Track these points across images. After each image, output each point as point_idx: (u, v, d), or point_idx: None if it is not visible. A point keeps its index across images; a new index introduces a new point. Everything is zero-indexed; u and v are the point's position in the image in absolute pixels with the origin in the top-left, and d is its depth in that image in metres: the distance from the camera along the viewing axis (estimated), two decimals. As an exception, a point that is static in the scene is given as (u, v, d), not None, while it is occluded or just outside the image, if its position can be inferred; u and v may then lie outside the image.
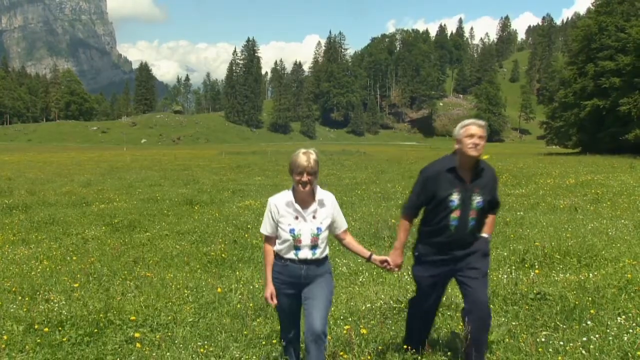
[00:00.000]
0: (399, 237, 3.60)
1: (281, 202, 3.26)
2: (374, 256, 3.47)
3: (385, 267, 3.50)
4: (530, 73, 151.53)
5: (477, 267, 3.42)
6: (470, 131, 3.27)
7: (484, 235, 3.50)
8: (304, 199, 3.23)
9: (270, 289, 3.32)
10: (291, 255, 3.24)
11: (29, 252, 7.54)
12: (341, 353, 3.76)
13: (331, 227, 3.35)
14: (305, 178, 3.12)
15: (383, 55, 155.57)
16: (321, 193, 3.28)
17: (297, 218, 3.22)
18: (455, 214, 3.35)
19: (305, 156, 3.13)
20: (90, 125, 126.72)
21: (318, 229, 3.22)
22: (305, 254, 3.22)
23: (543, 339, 3.89)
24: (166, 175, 23.26)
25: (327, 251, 3.34)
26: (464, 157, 3.32)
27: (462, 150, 3.31)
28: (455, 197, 3.33)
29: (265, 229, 3.34)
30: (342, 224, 3.39)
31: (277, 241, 3.30)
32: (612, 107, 39.83)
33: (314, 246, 3.23)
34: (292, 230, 3.20)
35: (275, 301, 3.31)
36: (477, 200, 3.35)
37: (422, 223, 3.58)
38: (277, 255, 3.32)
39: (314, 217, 3.23)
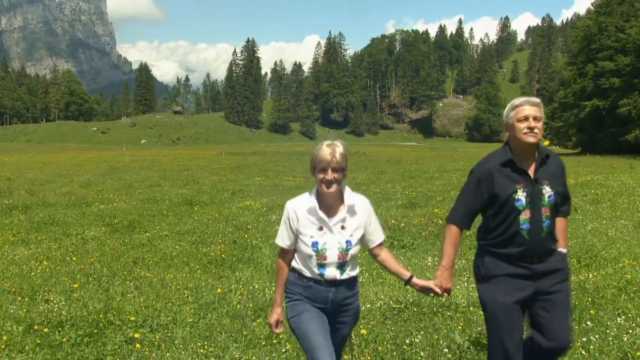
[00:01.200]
0: (445, 252, 2.82)
1: (302, 207, 2.65)
2: (415, 279, 2.75)
3: (430, 294, 2.81)
4: (530, 73, 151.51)
5: (559, 289, 2.73)
6: (523, 113, 2.66)
7: (561, 250, 2.83)
8: (330, 205, 2.64)
9: (277, 314, 2.73)
10: (315, 274, 2.63)
11: (29, 252, 7.53)
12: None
13: (363, 240, 2.71)
14: (329, 176, 2.54)
15: (383, 55, 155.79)
16: (352, 197, 2.67)
17: (321, 229, 2.61)
18: (524, 216, 2.67)
19: (330, 149, 2.55)
20: (90, 125, 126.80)
21: (348, 242, 2.62)
22: (333, 273, 2.62)
23: (543, 340, 3.88)
24: (166, 175, 23.28)
25: (357, 269, 2.74)
26: (520, 145, 2.70)
27: (515, 138, 2.71)
28: (521, 195, 2.67)
29: (283, 240, 2.70)
30: (377, 237, 2.75)
31: (297, 256, 2.70)
32: (611, 108, 39.90)
33: (342, 264, 2.62)
34: (314, 244, 2.60)
35: (281, 329, 2.74)
36: (547, 193, 2.69)
37: (482, 233, 2.86)
38: (299, 274, 2.70)
39: (342, 227, 2.63)
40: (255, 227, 9.25)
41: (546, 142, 2.76)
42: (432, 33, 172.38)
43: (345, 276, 2.65)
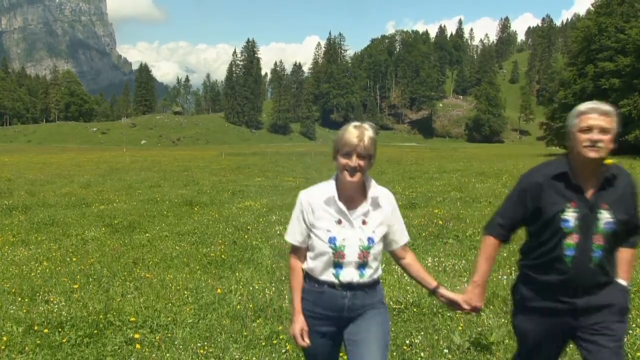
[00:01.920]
0: (479, 267, 2.51)
1: (318, 198, 2.31)
2: (442, 290, 2.46)
3: (456, 309, 2.50)
4: (530, 74, 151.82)
5: (609, 329, 2.30)
6: (587, 122, 2.22)
7: (621, 282, 2.38)
8: (352, 196, 2.30)
9: (299, 322, 2.35)
10: (329, 276, 2.29)
11: (29, 253, 7.53)
12: (341, 354, 3.75)
13: (386, 239, 2.40)
14: (354, 162, 2.20)
15: (383, 56, 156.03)
16: (376, 189, 2.34)
17: (340, 222, 2.28)
18: (571, 240, 2.29)
19: (357, 131, 2.21)
20: (90, 126, 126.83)
21: (369, 239, 2.29)
22: (350, 275, 2.28)
23: (543, 340, 3.88)
24: (166, 176, 23.27)
25: (380, 272, 2.39)
26: (580, 159, 2.28)
27: (575, 150, 2.28)
28: (570, 215, 2.28)
29: (293, 236, 2.37)
30: (401, 237, 2.43)
31: (309, 255, 2.36)
32: (611, 108, 39.95)
33: (362, 264, 2.29)
34: (332, 240, 2.27)
35: (307, 341, 2.35)
36: (604, 219, 2.27)
37: (523, 252, 2.52)
38: (309, 277, 2.37)
39: (364, 222, 2.30)
40: (255, 227, 9.26)
41: (609, 161, 2.31)
42: (432, 34, 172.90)
43: (364, 279, 2.31)
